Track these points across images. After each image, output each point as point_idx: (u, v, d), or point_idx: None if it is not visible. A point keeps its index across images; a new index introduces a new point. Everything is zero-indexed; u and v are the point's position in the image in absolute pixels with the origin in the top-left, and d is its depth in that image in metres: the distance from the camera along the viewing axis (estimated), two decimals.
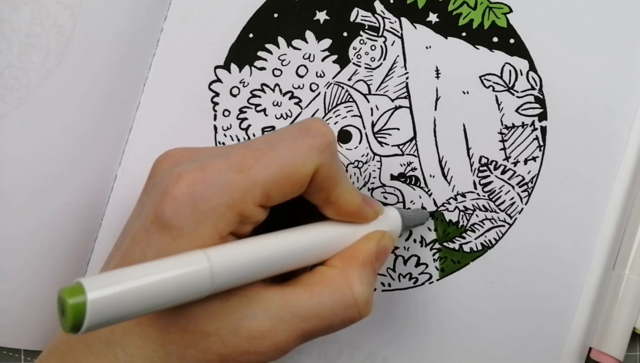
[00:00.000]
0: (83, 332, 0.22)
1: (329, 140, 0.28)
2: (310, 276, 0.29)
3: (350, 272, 0.29)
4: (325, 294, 0.28)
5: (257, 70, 0.37)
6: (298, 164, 0.27)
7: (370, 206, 0.31)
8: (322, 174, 0.28)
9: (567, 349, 0.36)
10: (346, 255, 0.29)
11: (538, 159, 0.36)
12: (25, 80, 0.35)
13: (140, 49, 0.36)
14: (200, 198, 0.26)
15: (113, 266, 0.28)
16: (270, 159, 0.27)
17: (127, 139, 0.37)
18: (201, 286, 0.24)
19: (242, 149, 0.27)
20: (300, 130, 0.28)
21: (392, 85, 0.37)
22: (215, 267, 0.25)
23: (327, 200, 0.29)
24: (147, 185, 0.30)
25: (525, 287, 0.36)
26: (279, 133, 0.28)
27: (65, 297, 0.22)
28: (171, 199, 0.26)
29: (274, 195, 0.27)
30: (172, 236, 0.26)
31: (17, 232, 0.35)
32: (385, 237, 0.31)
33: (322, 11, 0.37)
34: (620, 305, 0.36)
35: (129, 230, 0.29)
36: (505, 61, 0.36)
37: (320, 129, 0.28)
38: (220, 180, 0.26)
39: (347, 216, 0.30)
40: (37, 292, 0.36)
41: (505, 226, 0.37)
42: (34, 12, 0.35)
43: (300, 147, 0.27)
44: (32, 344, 0.36)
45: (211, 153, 0.29)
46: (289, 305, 0.27)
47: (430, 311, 0.37)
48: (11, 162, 0.35)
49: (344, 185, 0.29)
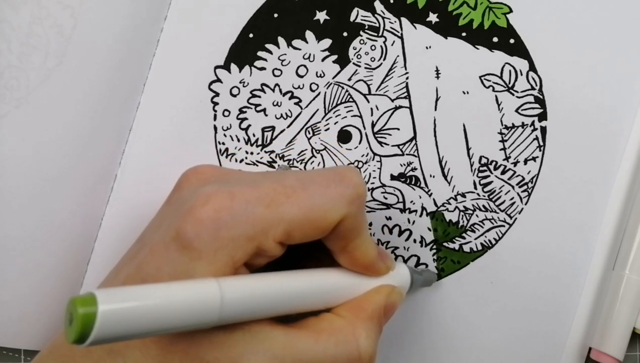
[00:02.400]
0: (87, 345, 0.22)
1: (360, 193, 0.28)
2: (316, 322, 0.28)
3: (357, 324, 0.28)
4: (331, 343, 0.27)
5: (257, 70, 0.37)
6: (326, 210, 0.27)
7: (384, 261, 0.31)
8: (346, 223, 0.28)
9: (567, 349, 0.36)
10: (355, 307, 0.29)
11: (538, 159, 0.36)
12: (25, 80, 0.35)
13: (140, 49, 0.36)
14: (224, 225, 0.26)
15: (125, 275, 0.27)
16: (299, 199, 0.27)
17: (127, 139, 0.37)
18: (209, 315, 0.24)
19: (273, 182, 0.27)
20: (335, 177, 0.28)
21: (392, 85, 0.37)
22: (225, 298, 0.25)
23: (344, 249, 0.29)
24: (171, 198, 0.30)
25: (525, 287, 0.36)
26: (313, 174, 0.28)
27: (76, 305, 0.21)
28: (196, 220, 0.26)
29: (295, 235, 0.27)
30: (190, 257, 0.26)
31: (17, 232, 0.35)
32: (395, 292, 0.31)
33: (322, 11, 0.37)
34: (620, 305, 0.36)
35: (147, 240, 0.28)
36: (505, 61, 0.36)
37: (353, 179, 0.28)
38: (248, 212, 0.26)
39: (361, 268, 0.30)
40: (37, 292, 0.36)
41: (505, 226, 0.37)
42: (34, 12, 0.35)
43: (331, 193, 0.27)
44: (32, 344, 0.36)
45: (241, 178, 0.29)
46: (293, 348, 0.27)
47: (430, 311, 0.37)
48: (11, 162, 0.35)
49: (364, 237, 0.29)
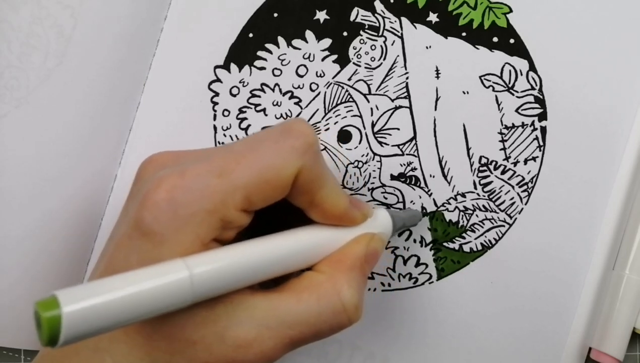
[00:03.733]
0: (60, 346, 0.21)
1: (311, 141, 0.27)
2: (297, 282, 0.28)
3: (338, 277, 0.28)
4: (313, 300, 0.27)
5: (257, 70, 0.37)
6: (279, 167, 0.26)
7: (358, 208, 0.30)
8: (304, 176, 0.27)
9: (567, 349, 0.36)
10: (334, 260, 0.29)
11: (538, 159, 0.36)
12: (25, 80, 0.35)
13: (140, 49, 0.36)
14: (179, 203, 0.25)
15: (99, 273, 0.27)
16: (250, 162, 0.26)
17: (127, 139, 0.37)
18: (182, 295, 0.24)
19: (223, 152, 0.27)
20: (282, 132, 0.27)
21: (392, 85, 0.37)
22: (195, 276, 0.24)
23: (311, 203, 0.28)
24: (131, 191, 0.30)
25: (525, 287, 0.36)
26: (260, 135, 0.28)
27: (39, 310, 0.21)
28: (151, 205, 0.26)
29: (255, 200, 0.26)
30: (153, 243, 0.25)
31: (17, 232, 0.35)
32: (375, 239, 0.30)
33: (322, 11, 0.37)
34: (620, 305, 0.36)
35: (114, 235, 0.28)
36: (505, 61, 0.36)
37: (301, 129, 0.27)
38: (200, 185, 0.26)
39: (334, 219, 0.29)
40: (37, 292, 0.36)
41: (505, 226, 0.37)
42: (34, 12, 0.35)
43: (281, 148, 0.27)
44: (32, 344, 0.36)
45: (194, 157, 0.28)
46: (276, 312, 0.27)
47: (430, 311, 0.37)
48: (11, 162, 0.35)
49: (330, 187, 0.28)
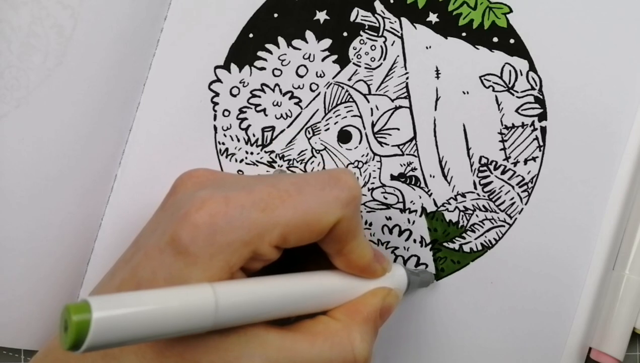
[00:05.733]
0: (82, 351, 0.22)
1: (355, 195, 0.28)
2: (311, 325, 0.28)
3: (353, 327, 0.28)
4: (326, 347, 0.27)
5: (257, 70, 0.37)
6: (321, 213, 0.27)
7: (380, 263, 0.31)
8: (342, 226, 0.28)
9: (567, 349, 0.36)
10: (350, 309, 0.29)
11: (538, 159, 0.36)
12: (25, 80, 0.35)
13: (140, 49, 0.36)
14: (219, 230, 0.26)
15: (120, 279, 0.27)
16: (294, 203, 0.27)
17: (127, 139, 0.37)
18: (204, 320, 0.24)
19: (268, 186, 0.27)
20: (329, 180, 0.28)
21: (392, 85, 0.37)
22: (220, 304, 0.25)
23: (340, 251, 0.29)
24: (166, 202, 0.30)
25: (525, 287, 0.36)
26: (308, 178, 0.28)
27: (70, 313, 0.21)
28: (191, 225, 0.26)
29: (291, 239, 0.27)
30: (185, 262, 0.26)
31: (17, 232, 0.35)
32: (391, 295, 0.31)
33: (322, 11, 0.37)
34: (620, 305, 0.36)
35: (142, 244, 0.28)
36: (505, 61, 0.36)
37: (348, 182, 0.28)
38: (243, 216, 0.26)
39: (357, 270, 0.30)
40: (37, 292, 0.36)
41: (505, 226, 0.37)
42: (34, 12, 0.35)
43: (326, 196, 0.27)
44: (32, 344, 0.36)
45: (235, 182, 0.29)
46: (288, 352, 0.27)
47: (430, 311, 0.37)
48: (11, 162, 0.35)
49: (360, 240, 0.29)
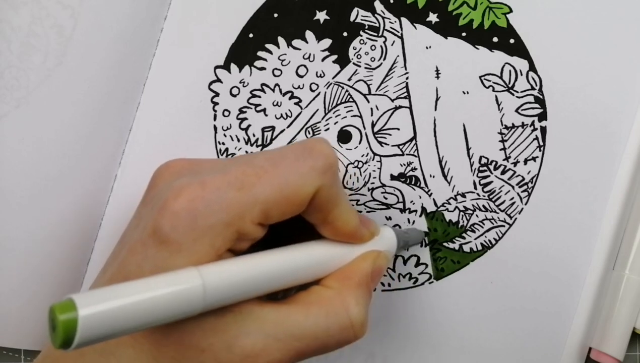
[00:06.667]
0: (73, 349, 0.22)
1: (331, 162, 0.28)
2: (305, 295, 0.29)
3: (346, 293, 0.29)
4: (321, 315, 0.28)
5: (257, 70, 0.37)
6: (299, 185, 0.27)
7: (367, 227, 0.31)
8: (321, 195, 0.28)
9: (567, 349, 0.36)
10: (342, 276, 0.29)
11: (538, 159, 0.36)
12: (25, 80, 0.35)
13: (140, 49, 0.36)
14: (199, 214, 0.26)
15: (109, 275, 0.27)
16: (271, 178, 0.27)
17: (127, 139, 0.37)
18: (194, 304, 0.24)
19: (242, 165, 0.27)
20: (303, 150, 0.28)
21: (392, 85, 0.37)
22: (208, 285, 0.25)
23: (325, 220, 0.29)
24: (146, 196, 0.30)
25: (525, 287, 0.36)
26: (281, 151, 0.28)
27: (56, 312, 0.21)
28: (170, 214, 0.26)
29: (272, 214, 0.27)
30: (169, 251, 0.26)
31: (17, 232, 0.35)
32: (381, 257, 0.31)
33: (322, 11, 0.37)
34: (620, 305, 0.36)
35: (127, 240, 0.28)
36: (505, 61, 0.36)
37: (323, 150, 0.28)
38: (220, 197, 0.26)
39: (344, 237, 0.30)
40: (37, 292, 0.36)
41: (505, 226, 0.37)
42: (34, 12, 0.35)
43: (302, 167, 0.27)
44: (32, 344, 0.36)
45: (210, 166, 0.29)
46: (284, 324, 0.27)
47: (430, 311, 0.37)
48: (11, 162, 0.35)
49: (343, 206, 0.29)
